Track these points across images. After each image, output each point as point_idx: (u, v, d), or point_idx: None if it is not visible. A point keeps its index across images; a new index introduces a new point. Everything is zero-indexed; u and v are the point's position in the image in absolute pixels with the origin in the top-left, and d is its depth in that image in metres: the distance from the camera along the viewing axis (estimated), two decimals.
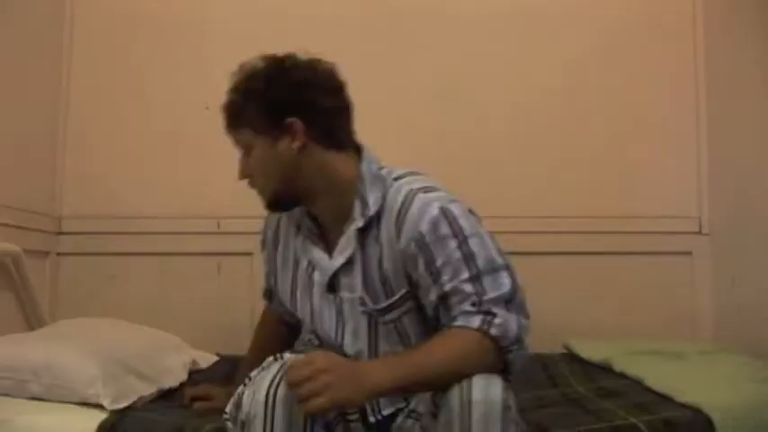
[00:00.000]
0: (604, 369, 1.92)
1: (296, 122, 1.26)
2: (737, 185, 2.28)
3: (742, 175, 2.25)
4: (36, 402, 1.40)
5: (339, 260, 1.31)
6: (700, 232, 2.42)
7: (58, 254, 2.30)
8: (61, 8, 2.37)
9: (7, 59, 2.00)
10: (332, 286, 1.33)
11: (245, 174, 1.34)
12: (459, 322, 1.18)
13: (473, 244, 1.22)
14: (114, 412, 1.38)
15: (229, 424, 1.22)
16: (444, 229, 1.22)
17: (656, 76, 2.45)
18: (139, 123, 2.37)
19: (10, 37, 2.02)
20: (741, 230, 2.24)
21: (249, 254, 2.31)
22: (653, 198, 2.42)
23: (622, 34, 2.46)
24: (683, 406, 1.49)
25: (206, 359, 1.98)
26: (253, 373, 1.22)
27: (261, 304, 2.29)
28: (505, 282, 1.21)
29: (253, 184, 1.35)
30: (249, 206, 2.27)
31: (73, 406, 1.39)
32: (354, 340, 1.31)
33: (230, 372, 1.91)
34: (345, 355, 1.28)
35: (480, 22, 2.46)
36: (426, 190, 1.27)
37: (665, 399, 1.57)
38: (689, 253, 2.41)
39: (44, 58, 2.28)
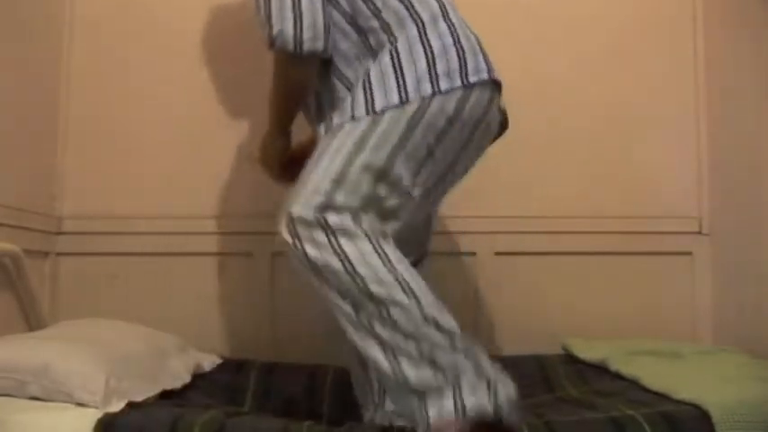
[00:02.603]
0: (600, 370, 1.91)
1: None
2: (737, 185, 2.28)
3: (742, 175, 2.24)
4: (36, 402, 1.40)
5: None
6: (700, 232, 2.42)
7: (58, 254, 2.30)
8: (61, 8, 2.36)
9: (7, 59, 2.00)
10: None
11: None
12: None
13: None
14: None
15: None
16: None
17: (657, 76, 2.45)
18: (139, 123, 2.37)
19: (10, 36, 2.02)
20: (741, 230, 2.24)
21: (249, 254, 2.31)
22: (653, 198, 2.42)
23: (622, 34, 2.45)
24: (680, 402, 1.49)
25: (209, 361, 1.97)
26: None
27: (261, 303, 2.31)
28: None
29: None
30: (249, 206, 2.32)
31: (71, 405, 1.39)
32: None
33: (232, 378, 1.90)
34: None
35: (480, 23, 2.45)
36: None
37: (661, 396, 1.56)
38: (689, 253, 2.40)
39: (44, 57, 2.28)
